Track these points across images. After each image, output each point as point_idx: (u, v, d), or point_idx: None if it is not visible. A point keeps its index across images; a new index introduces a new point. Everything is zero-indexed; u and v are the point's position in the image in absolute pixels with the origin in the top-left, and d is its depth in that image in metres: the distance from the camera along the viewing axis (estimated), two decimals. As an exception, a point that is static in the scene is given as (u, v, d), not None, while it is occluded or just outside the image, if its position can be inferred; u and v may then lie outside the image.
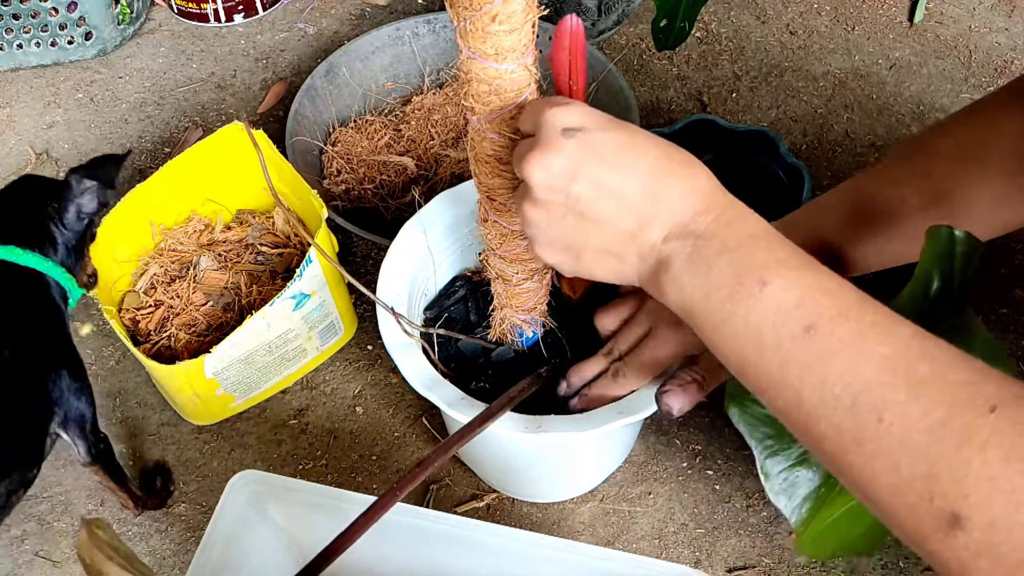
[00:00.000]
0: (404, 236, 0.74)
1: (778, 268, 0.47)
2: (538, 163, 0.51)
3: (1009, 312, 0.89)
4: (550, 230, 0.53)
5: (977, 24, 1.15)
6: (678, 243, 0.50)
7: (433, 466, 0.59)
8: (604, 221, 0.51)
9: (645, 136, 0.52)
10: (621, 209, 0.50)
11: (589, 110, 0.52)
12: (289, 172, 0.86)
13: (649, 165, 0.50)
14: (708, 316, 0.49)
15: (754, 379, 0.48)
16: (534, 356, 0.73)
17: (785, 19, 1.17)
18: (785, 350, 0.46)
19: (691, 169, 0.51)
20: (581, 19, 0.55)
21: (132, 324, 0.87)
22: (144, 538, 0.80)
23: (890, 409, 0.43)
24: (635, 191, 0.50)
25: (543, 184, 0.51)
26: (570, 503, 0.81)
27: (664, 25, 0.94)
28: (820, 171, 1.01)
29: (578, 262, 0.54)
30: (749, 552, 0.78)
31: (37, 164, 1.07)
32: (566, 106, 0.51)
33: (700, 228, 0.50)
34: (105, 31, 1.14)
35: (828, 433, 0.45)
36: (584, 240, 0.52)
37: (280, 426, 0.86)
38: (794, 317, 0.46)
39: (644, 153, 0.51)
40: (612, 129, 0.51)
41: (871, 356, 0.44)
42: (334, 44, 1.15)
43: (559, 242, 0.53)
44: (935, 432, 0.41)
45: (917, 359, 0.43)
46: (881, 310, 0.46)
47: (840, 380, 0.44)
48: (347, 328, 0.90)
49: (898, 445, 0.42)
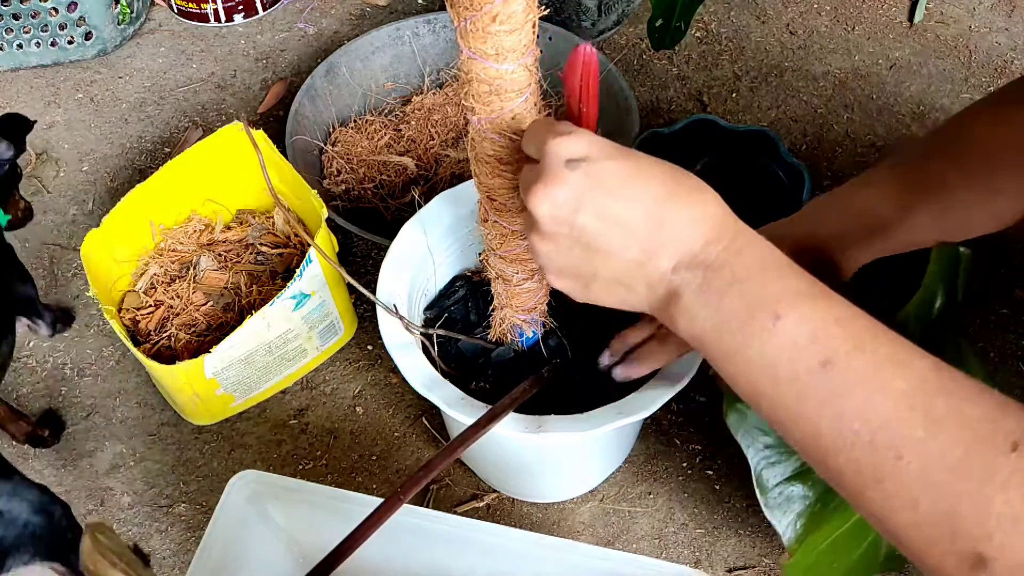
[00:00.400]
0: (404, 236, 0.74)
1: (791, 300, 0.47)
2: (543, 196, 0.50)
3: (1009, 312, 0.89)
4: (559, 260, 0.53)
5: (977, 24, 1.15)
6: (688, 273, 0.49)
7: (437, 471, 0.58)
8: (611, 251, 0.50)
9: (651, 163, 0.51)
10: (628, 238, 0.50)
11: (593, 138, 0.51)
12: (289, 172, 0.86)
13: (655, 193, 0.49)
14: (720, 347, 0.49)
15: (769, 410, 0.48)
16: (534, 356, 0.73)
17: (785, 19, 1.17)
18: (802, 384, 0.46)
19: (700, 196, 0.50)
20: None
21: (132, 324, 0.87)
22: (144, 538, 0.80)
23: (909, 446, 0.42)
24: (641, 220, 0.49)
25: (549, 216, 0.50)
26: (570, 503, 0.81)
27: (660, 24, 0.94)
28: (820, 171, 1.01)
29: (587, 291, 0.53)
30: (749, 552, 0.78)
31: (37, 164, 1.07)
32: (570, 135, 0.50)
33: (710, 257, 0.49)
34: (105, 31, 1.14)
35: (847, 468, 0.45)
36: (592, 270, 0.52)
37: (280, 426, 0.86)
38: (810, 351, 0.46)
39: (650, 180, 0.50)
40: (617, 157, 0.50)
41: (888, 391, 0.44)
42: (334, 44, 1.15)
43: (568, 271, 0.53)
44: (955, 470, 0.41)
45: (934, 393, 0.43)
46: (896, 341, 0.46)
47: (858, 415, 0.44)
48: (347, 328, 0.90)
49: (918, 483, 0.42)
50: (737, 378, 0.49)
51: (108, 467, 0.84)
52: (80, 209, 1.03)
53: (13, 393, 0.89)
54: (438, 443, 0.84)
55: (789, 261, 0.49)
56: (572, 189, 0.49)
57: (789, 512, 0.66)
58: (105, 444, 0.86)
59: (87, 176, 1.05)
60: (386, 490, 0.82)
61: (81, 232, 0.98)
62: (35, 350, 0.92)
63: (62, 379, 0.90)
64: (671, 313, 0.51)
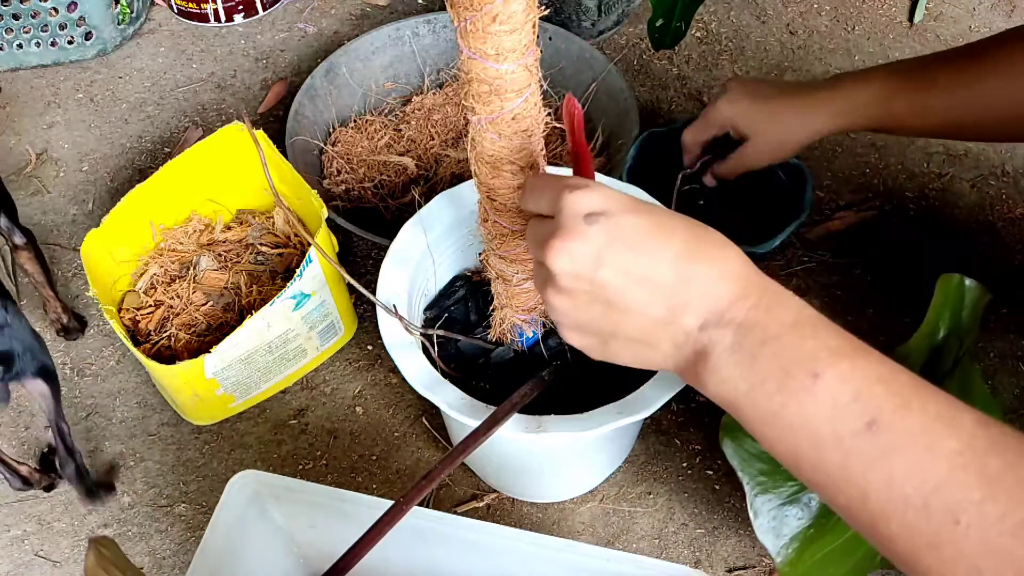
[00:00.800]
0: (404, 236, 0.74)
1: (830, 358, 0.45)
2: (561, 251, 0.49)
3: (1009, 312, 0.89)
4: (576, 317, 0.51)
5: (977, 24, 1.15)
6: (716, 332, 0.47)
7: (439, 478, 0.58)
8: (634, 309, 0.49)
9: (670, 217, 0.50)
10: (651, 296, 0.48)
11: (609, 192, 0.50)
12: (289, 172, 0.86)
13: (678, 248, 0.48)
14: (755, 409, 0.47)
15: (811, 474, 0.46)
16: (534, 356, 0.73)
17: (785, 19, 1.17)
18: (847, 447, 0.44)
19: (723, 252, 0.49)
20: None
21: (132, 324, 0.87)
22: (144, 538, 0.80)
23: (966, 510, 0.41)
24: (665, 276, 0.48)
25: (568, 272, 0.49)
26: (570, 503, 0.81)
27: (660, 24, 0.94)
28: (820, 171, 1.01)
29: (606, 348, 0.52)
30: (749, 552, 0.78)
31: (37, 164, 1.07)
32: (585, 189, 0.49)
33: (739, 316, 0.47)
34: (105, 31, 1.14)
35: (900, 534, 0.43)
36: (612, 327, 0.50)
37: (280, 426, 0.86)
38: (853, 411, 0.44)
39: (672, 236, 0.48)
40: (636, 212, 0.49)
41: (939, 451, 0.42)
42: (334, 44, 1.15)
43: (586, 328, 0.52)
44: (1017, 534, 0.40)
45: (985, 451, 0.42)
46: (940, 397, 0.44)
47: (910, 479, 0.42)
48: (347, 328, 0.90)
49: (979, 549, 0.40)
50: (775, 443, 0.47)
51: (108, 467, 0.84)
52: (80, 209, 1.03)
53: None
54: (438, 443, 0.84)
55: (820, 316, 0.48)
56: (592, 244, 0.48)
57: (782, 536, 0.66)
58: (105, 444, 0.86)
59: (87, 176, 1.05)
60: (386, 490, 0.82)
61: (81, 232, 0.98)
62: (35, 350, 0.92)
63: (62, 379, 0.90)
64: (699, 373, 0.49)
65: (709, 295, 0.48)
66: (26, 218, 1.01)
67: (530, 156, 0.59)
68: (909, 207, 0.99)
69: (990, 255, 0.95)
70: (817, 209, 0.97)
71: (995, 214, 0.98)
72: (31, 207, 1.03)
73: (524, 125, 0.56)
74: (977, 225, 0.97)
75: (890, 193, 0.99)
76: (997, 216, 0.98)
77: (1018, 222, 0.97)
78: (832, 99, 0.77)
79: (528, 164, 0.59)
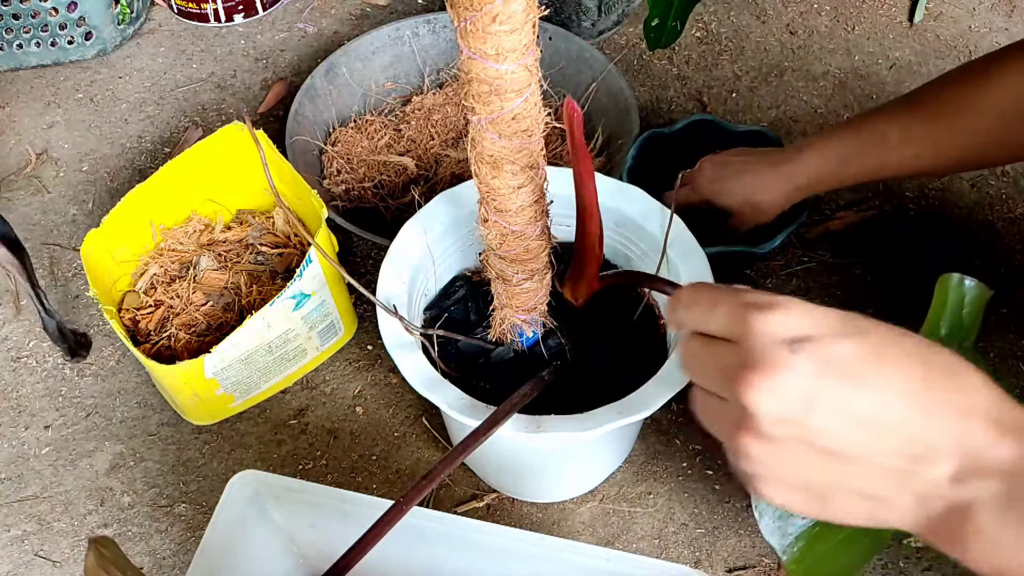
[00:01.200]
0: (404, 236, 0.74)
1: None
2: (763, 388, 0.40)
3: (1009, 312, 0.89)
4: (782, 469, 0.42)
5: (977, 24, 1.15)
6: (979, 483, 0.39)
7: (439, 479, 0.58)
8: (861, 458, 0.40)
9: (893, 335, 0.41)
10: (884, 440, 0.40)
11: (808, 308, 0.41)
12: (289, 172, 0.86)
13: (907, 376, 0.40)
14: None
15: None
16: (534, 356, 0.73)
17: (785, 19, 1.17)
18: None
19: (964, 377, 0.40)
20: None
21: (132, 324, 0.87)
22: (144, 538, 0.80)
23: None
24: (899, 415, 0.39)
25: (773, 416, 0.40)
26: (570, 503, 0.81)
27: (656, 24, 0.94)
28: (820, 171, 1.01)
29: (824, 506, 0.42)
30: (749, 552, 0.78)
31: (37, 164, 1.07)
32: (780, 308, 0.41)
33: (1004, 460, 0.39)
34: (105, 31, 1.14)
35: None
36: (833, 481, 0.41)
37: (280, 426, 0.86)
38: None
39: (897, 362, 0.40)
40: (849, 335, 0.40)
41: None
42: (334, 44, 1.15)
43: (793, 481, 0.42)
44: None
45: None
46: None
47: None
48: (347, 328, 0.90)
49: None
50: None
51: (108, 467, 0.84)
52: (80, 209, 1.03)
53: (13, 393, 0.89)
54: (438, 443, 0.85)
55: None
56: (801, 378, 0.39)
57: (787, 536, 0.66)
58: (105, 444, 0.86)
59: (87, 176, 1.06)
60: (386, 490, 0.82)
61: (81, 232, 0.98)
62: (35, 350, 0.92)
63: (62, 379, 0.90)
64: (959, 536, 0.40)
65: (958, 435, 0.39)
66: (26, 218, 1.01)
67: (530, 156, 0.59)
68: (909, 207, 0.99)
69: (990, 255, 0.95)
70: (817, 209, 0.97)
71: (995, 214, 0.98)
72: (31, 207, 1.03)
73: (524, 125, 0.56)
74: (977, 225, 0.97)
75: (890, 193, 0.99)
76: (997, 216, 0.98)
77: (1018, 222, 0.97)
78: (794, 172, 0.81)
79: (528, 164, 0.59)
